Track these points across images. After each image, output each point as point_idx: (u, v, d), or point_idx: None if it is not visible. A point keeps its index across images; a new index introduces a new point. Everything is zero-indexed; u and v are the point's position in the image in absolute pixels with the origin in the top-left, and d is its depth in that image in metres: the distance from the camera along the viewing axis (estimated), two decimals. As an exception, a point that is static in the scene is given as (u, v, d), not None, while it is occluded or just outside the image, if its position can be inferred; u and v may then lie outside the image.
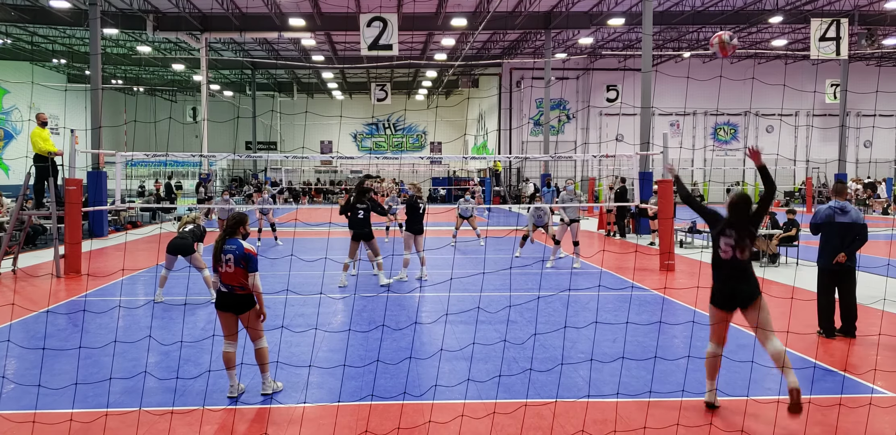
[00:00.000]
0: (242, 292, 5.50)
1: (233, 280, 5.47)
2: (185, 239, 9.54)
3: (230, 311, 5.56)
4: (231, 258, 5.45)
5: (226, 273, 5.48)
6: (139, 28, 28.36)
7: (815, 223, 7.69)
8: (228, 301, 5.52)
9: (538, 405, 5.45)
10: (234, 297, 5.50)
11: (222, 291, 5.55)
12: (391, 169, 48.36)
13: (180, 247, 9.52)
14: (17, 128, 38.74)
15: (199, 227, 9.98)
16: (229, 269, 5.45)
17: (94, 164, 19.28)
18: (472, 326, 8.07)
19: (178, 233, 9.74)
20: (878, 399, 5.60)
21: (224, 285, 5.52)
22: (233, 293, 5.50)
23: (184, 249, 9.52)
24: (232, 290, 5.50)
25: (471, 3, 27.73)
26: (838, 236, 7.50)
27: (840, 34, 21.90)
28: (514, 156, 27.42)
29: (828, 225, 7.56)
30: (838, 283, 7.64)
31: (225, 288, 5.52)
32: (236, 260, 5.44)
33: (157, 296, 9.71)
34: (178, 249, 9.52)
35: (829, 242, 7.57)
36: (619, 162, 35.38)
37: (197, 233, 9.83)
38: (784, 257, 13.84)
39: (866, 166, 37.94)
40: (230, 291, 5.51)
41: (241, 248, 5.50)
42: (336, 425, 5.06)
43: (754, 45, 36.14)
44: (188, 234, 9.65)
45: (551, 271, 12.57)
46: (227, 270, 5.46)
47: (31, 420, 4.99)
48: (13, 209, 13.42)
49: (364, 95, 50.89)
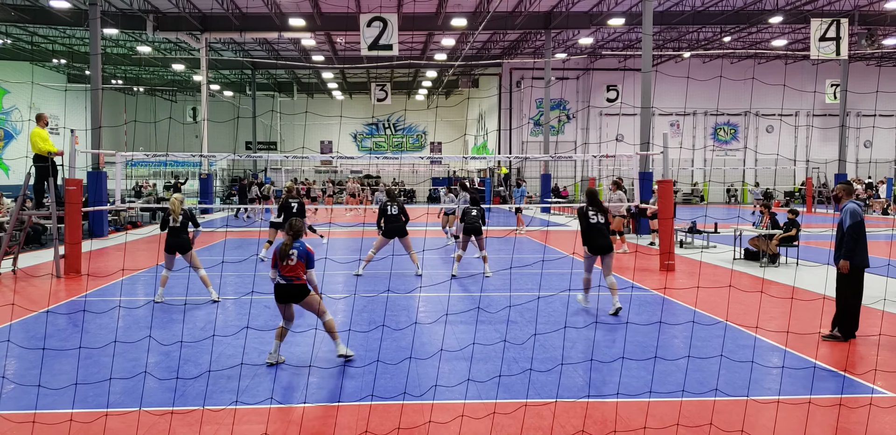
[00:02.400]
0: (299, 282, 6.42)
1: (293, 272, 6.38)
2: (180, 237, 9.37)
3: (289, 302, 6.47)
4: (295, 253, 6.40)
5: (288, 266, 6.37)
6: (139, 28, 28.36)
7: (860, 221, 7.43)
8: (287, 292, 6.40)
9: (538, 405, 5.45)
10: (292, 287, 6.40)
11: (281, 283, 6.38)
12: (391, 169, 48.38)
13: (178, 245, 9.39)
14: (17, 128, 38.74)
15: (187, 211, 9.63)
16: (291, 262, 6.38)
17: (94, 165, 19.29)
18: (472, 326, 8.07)
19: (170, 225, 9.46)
20: (878, 399, 5.59)
21: (283, 277, 6.38)
22: (291, 284, 6.39)
23: (182, 247, 9.40)
24: (290, 281, 6.38)
25: (471, 3, 27.73)
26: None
27: (840, 34, 21.90)
28: (514, 156, 27.40)
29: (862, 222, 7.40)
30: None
31: (284, 280, 6.38)
32: (299, 255, 6.41)
33: (157, 295, 9.61)
34: (176, 247, 9.41)
35: (861, 241, 7.37)
36: (619, 162, 35.40)
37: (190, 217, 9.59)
38: (784, 257, 13.84)
39: (866, 166, 37.95)
40: (289, 282, 6.38)
41: (304, 247, 6.49)
42: (336, 425, 5.06)
43: (754, 45, 36.13)
44: (182, 228, 9.43)
45: (552, 271, 12.57)
46: (289, 264, 6.37)
47: (31, 420, 4.99)
48: (13, 209, 13.41)
49: (364, 95, 50.89)
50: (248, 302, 9.58)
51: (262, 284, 11.05)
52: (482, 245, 11.98)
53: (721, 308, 8.98)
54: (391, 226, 11.73)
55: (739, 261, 13.96)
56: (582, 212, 8.92)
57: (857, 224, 7.41)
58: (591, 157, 20.54)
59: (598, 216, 8.83)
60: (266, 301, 9.79)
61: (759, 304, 9.03)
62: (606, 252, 8.76)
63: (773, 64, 39.98)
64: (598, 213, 8.86)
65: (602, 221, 8.82)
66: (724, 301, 9.21)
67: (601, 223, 8.80)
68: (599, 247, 8.73)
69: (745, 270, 12.77)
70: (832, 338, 7.40)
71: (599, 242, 8.74)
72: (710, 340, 7.48)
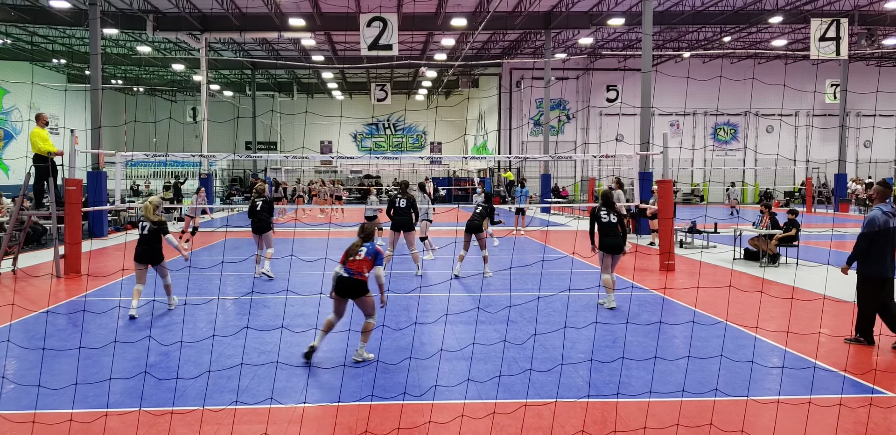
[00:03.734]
0: (360, 278, 6.54)
1: (358, 266, 6.54)
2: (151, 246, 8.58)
3: (347, 296, 6.56)
4: (364, 250, 6.61)
5: (355, 261, 6.55)
6: (139, 28, 28.35)
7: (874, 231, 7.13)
8: (347, 285, 6.51)
9: (538, 405, 5.45)
10: (353, 281, 6.51)
11: (343, 276, 6.51)
12: (391, 169, 48.38)
13: (147, 255, 8.57)
14: (17, 128, 38.74)
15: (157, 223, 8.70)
16: (359, 257, 6.57)
17: (94, 165, 19.28)
18: (472, 326, 8.07)
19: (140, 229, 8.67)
20: (878, 399, 5.60)
21: (346, 270, 6.53)
22: (352, 278, 6.51)
23: (153, 258, 8.61)
24: (352, 275, 6.52)
25: (471, 3, 27.73)
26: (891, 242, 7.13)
27: (840, 34, 21.90)
28: (514, 156, 27.40)
29: (885, 231, 7.13)
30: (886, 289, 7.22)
31: (346, 273, 6.52)
32: (368, 252, 6.61)
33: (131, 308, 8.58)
34: (146, 257, 8.57)
35: (883, 248, 7.10)
36: (619, 162, 35.41)
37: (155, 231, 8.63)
38: (784, 257, 13.84)
39: (866, 166, 37.95)
40: (351, 276, 6.51)
41: (373, 246, 6.70)
42: (336, 425, 5.06)
43: (754, 45, 36.13)
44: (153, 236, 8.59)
45: (552, 271, 12.57)
46: (356, 258, 6.56)
47: (31, 420, 4.99)
48: (13, 209, 13.41)
49: (364, 95, 50.89)
50: (248, 302, 9.58)
51: (261, 284, 11.06)
52: (483, 244, 11.97)
53: (721, 308, 8.98)
54: (398, 218, 11.97)
55: (739, 261, 13.96)
56: (595, 212, 9.27)
57: (868, 235, 7.15)
58: (591, 157, 20.55)
59: (611, 216, 9.15)
60: (266, 301, 9.80)
61: (759, 304, 9.03)
62: (616, 252, 9.08)
63: (773, 64, 39.98)
64: (611, 213, 9.18)
65: (614, 221, 9.13)
66: (724, 301, 9.21)
67: (613, 223, 9.12)
68: (609, 246, 9.06)
69: (745, 270, 12.77)
70: (856, 341, 7.34)
71: (610, 241, 9.07)
72: (710, 340, 7.48)
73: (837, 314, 8.89)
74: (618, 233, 9.12)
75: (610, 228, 9.10)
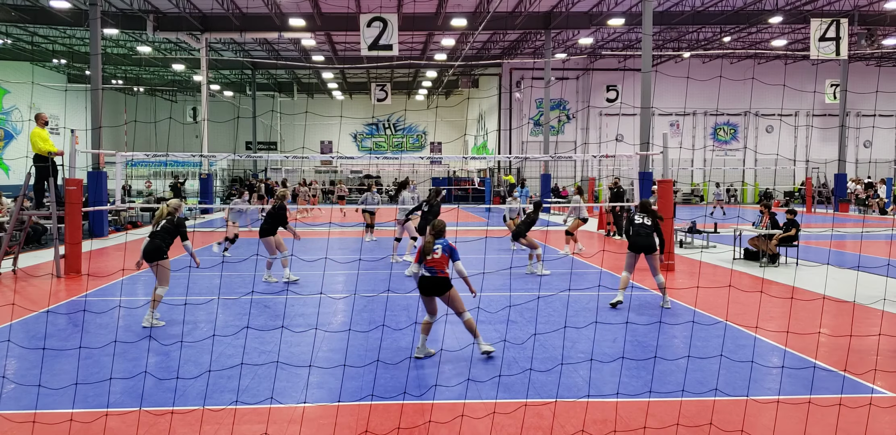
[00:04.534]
0: (443, 275, 6.69)
1: (438, 265, 6.71)
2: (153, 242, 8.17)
3: (433, 294, 6.71)
4: (440, 248, 6.76)
5: (433, 259, 6.71)
6: (139, 28, 28.36)
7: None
8: (431, 284, 6.68)
9: (538, 405, 5.45)
10: (436, 279, 6.67)
11: (426, 275, 6.69)
12: (391, 169, 48.38)
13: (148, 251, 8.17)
14: (18, 128, 38.74)
15: (174, 218, 8.42)
16: (436, 255, 6.73)
17: (94, 164, 19.28)
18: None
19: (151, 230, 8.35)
20: (878, 399, 5.60)
21: (428, 269, 6.70)
22: (435, 276, 6.68)
23: (154, 254, 8.16)
24: (435, 273, 6.68)
25: (471, 3, 27.73)
26: None
27: (840, 34, 21.90)
28: (514, 156, 27.40)
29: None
30: None
31: (428, 272, 6.69)
32: (443, 250, 6.77)
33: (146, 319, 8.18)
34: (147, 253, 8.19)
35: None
36: (619, 162, 35.39)
37: (171, 230, 8.32)
38: (784, 257, 13.84)
39: (866, 166, 37.95)
40: (433, 275, 6.68)
41: (447, 242, 6.85)
42: (336, 425, 5.06)
43: (754, 45, 36.13)
44: (163, 233, 8.26)
45: (552, 271, 12.57)
46: (434, 257, 6.72)
47: (31, 420, 5.00)
48: (13, 209, 13.41)
49: (364, 95, 50.89)
50: (248, 302, 9.58)
51: (261, 284, 11.06)
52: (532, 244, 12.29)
53: (721, 308, 8.98)
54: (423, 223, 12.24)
55: (739, 261, 13.96)
56: (630, 217, 9.67)
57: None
58: (591, 157, 20.56)
59: (645, 219, 9.38)
60: (266, 301, 9.80)
61: (759, 304, 9.03)
62: (649, 252, 9.17)
63: (773, 64, 39.98)
64: (647, 216, 9.42)
65: (648, 223, 9.31)
66: (724, 301, 9.21)
67: (646, 224, 9.30)
68: (639, 245, 9.20)
69: (744, 270, 12.77)
70: None
71: (640, 241, 9.20)
72: (710, 340, 7.48)
73: (837, 314, 8.89)
74: (650, 234, 9.24)
75: (643, 228, 9.27)
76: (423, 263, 6.73)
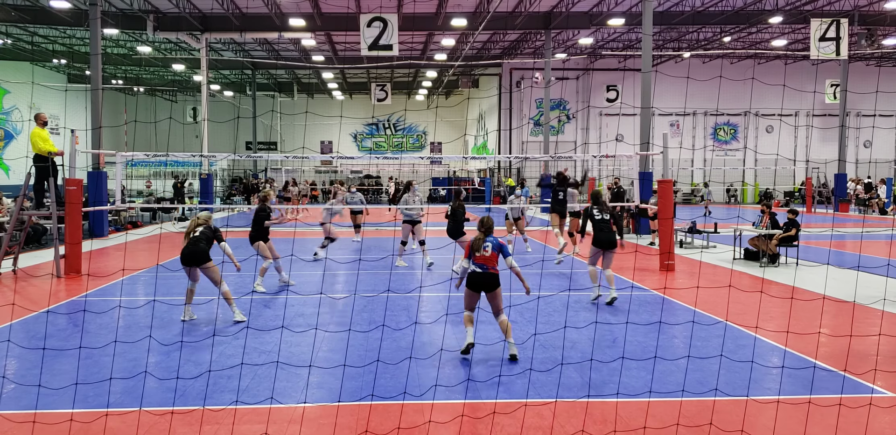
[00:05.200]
0: (493, 271, 6.86)
1: (488, 261, 6.88)
2: (198, 246, 8.26)
3: (480, 290, 6.86)
4: (490, 245, 6.92)
5: (483, 256, 6.88)
6: (139, 28, 28.35)
7: None
8: (480, 280, 6.83)
9: (538, 405, 5.45)
10: (487, 275, 6.83)
11: (476, 271, 6.83)
12: (391, 169, 48.38)
13: (192, 255, 8.24)
14: (18, 128, 38.74)
15: (209, 228, 8.57)
16: (486, 253, 6.89)
17: (95, 164, 19.28)
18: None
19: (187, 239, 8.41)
20: (878, 399, 5.60)
21: (479, 266, 6.85)
22: (486, 272, 6.83)
23: (195, 258, 8.24)
24: (486, 269, 6.84)
25: (471, 3, 27.72)
26: None
27: (840, 34, 21.89)
28: (514, 156, 27.37)
29: None
30: None
31: (479, 268, 6.84)
32: (493, 247, 6.92)
33: (185, 314, 8.48)
34: (190, 257, 8.26)
35: None
36: (619, 162, 35.39)
37: (209, 235, 8.45)
38: (784, 257, 13.84)
39: (866, 166, 37.94)
40: (484, 271, 6.83)
41: (496, 240, 7.01)
42: (336, 425, 5.06)
43: (754, 46, 36.13)
44: (201, 238, 8.36)
45: (552, 271, 12.57)
46: (484, 254, 6.89)
47: (31, 420, 5.00)
48: (13, 209, 13.41)
49: (364, 95, 50.88)
50: (248, 302, 9.58)
51: (266, 286, 11.05)
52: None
53: (721, 308, 8.98)
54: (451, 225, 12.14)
55: (739, 261, 13.96)
56: (588, 211, 9.84)
57: None
58: (591, 157, 20.55)
59: (603, 214, 9.68)
60: (266, 301, 9.79)
61: (759, 304, 9.03)
62: (609, 247, 9.48)
63: (773, 64, 39.96)
64: (604, 211, 9.70)
65: (606, 218, 9.65)
66: (724, 301, 9.21)
67: (606, 219, 9.63)
68: (601, 241, 9.49)
69: (744, 270, 12.77)
70: None
71: (602, 236, 9.51)
72: (709, 339, 7.48)
73: (837, 314, 8.89)
74: (611, 229, 9.55)
75: (603, 223, 9.57)
76: (473, 259, 6.87)
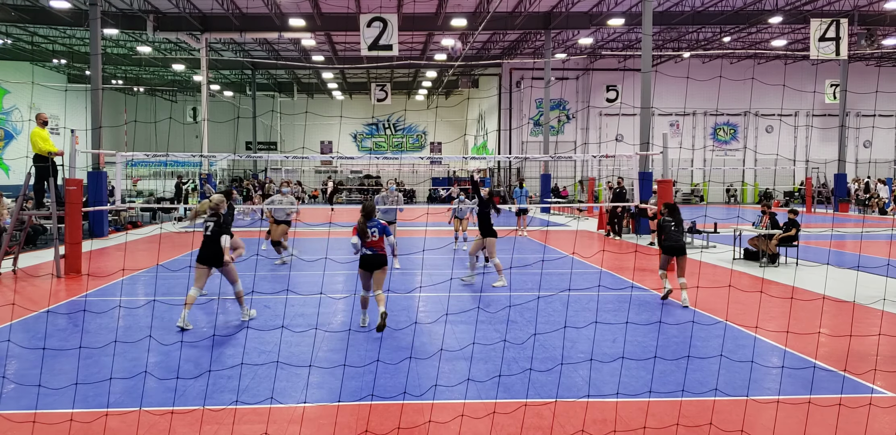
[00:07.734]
0: (382, 252, 7.82)
1: (376, 244, 7.80)
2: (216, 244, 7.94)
3: (372, 270, 7.80)
4: (376, 231, 7.84)
5: (372, 241, 7.80)
6: (139, 28, 28.34)
7: None
8: (374, 261, 7.79)
9: (538, 405, 5.45)
10: (376, 256, 7.79)
11: (367, 253, 7.78)
12: (391, 169, 48.38)
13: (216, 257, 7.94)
14: (18, 128, 38.73)
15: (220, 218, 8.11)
16: (374, 237, 7.82)
17: (95, 165, 19.28)
18: (472, 326, 8.07)
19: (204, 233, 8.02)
20: (878, 399, 5.60)
21: (369, 249, 7.78)
22: (376, 254, 7.79)
23: (218, 259, 7.96)
24: (375, 251, 7.79)
25: (471, 3, 27.72)
26: None
27: (840, 34, 21.89)
28: (514, 156, 27.34)
29: None
30: None
31: (370, 251, 7.78)
32: (380, 232, 7.86)
33: (181, 320, 7.99)
34: (213, 258, 7.95)
35: None
36: (619, 162, 35.39)
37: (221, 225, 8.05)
38: (784, 257, 13.84)
39: (866, 166, 37.95)
40: (374, 253, 7.79)
41: (379, 224, 7.90)
42: (336, 425, 5.06)
43: (754, 46, 36.13)
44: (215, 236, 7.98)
45: (552, 271, 12.57)
46: (373, 239, 7.81)
47: (31, 420, 5.00)
48: (13, 209, 13.41)
49: (364, 96, 50.87)
50: (248, 302, 9.57)
51: (261, 284, 11.06)
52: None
53: (721, 308, 8.99)
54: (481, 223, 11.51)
55: (739, 261, 13.96)
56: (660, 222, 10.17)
57: None
58: (591, 157, 20.56)
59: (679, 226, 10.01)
60: (266, 301, 9.79)
61: (759, 304, 9.03)
62: (679, 254, 9.64)
63: (773, 64, 39.97)
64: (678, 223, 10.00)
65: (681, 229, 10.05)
66: (724, 301, 9.21)
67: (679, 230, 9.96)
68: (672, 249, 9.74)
69: (744, 270, 12.77)
70: None
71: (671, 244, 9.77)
72: (709, 340, 7.48)
73: (837, 314, 8.90)
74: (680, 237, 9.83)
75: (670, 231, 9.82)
76: (363, 245, 7.75)
